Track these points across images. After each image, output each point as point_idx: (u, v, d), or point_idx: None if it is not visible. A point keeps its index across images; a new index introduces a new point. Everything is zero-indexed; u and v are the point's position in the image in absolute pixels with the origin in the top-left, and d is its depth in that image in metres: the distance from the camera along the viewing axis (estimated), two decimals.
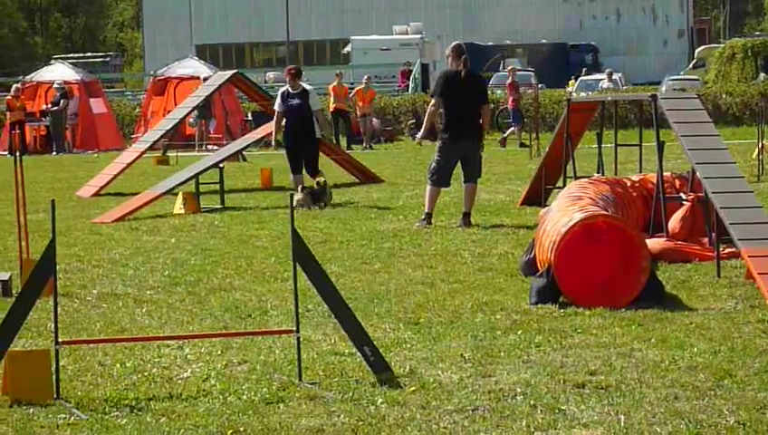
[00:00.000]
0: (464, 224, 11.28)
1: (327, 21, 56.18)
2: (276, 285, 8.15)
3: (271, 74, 43.25)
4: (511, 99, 25.63)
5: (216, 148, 20.05)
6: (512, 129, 25.63)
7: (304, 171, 13.89)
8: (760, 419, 4.47)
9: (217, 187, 14.62)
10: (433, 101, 11.97)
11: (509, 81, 26.75)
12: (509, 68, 32.04)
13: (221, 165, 14.97)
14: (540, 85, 34.13)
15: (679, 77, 36.01)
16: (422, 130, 12.76)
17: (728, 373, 5.22)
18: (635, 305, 7.05)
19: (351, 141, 26.08)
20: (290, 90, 14.01)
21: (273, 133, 14.53)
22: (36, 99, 28.06)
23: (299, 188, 13.46)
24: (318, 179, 13.67)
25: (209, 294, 8.20)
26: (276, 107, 14.32)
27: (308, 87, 14.77)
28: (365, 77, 29.44)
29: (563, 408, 4.68)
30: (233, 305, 7.64)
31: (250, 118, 25.45)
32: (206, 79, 21.98)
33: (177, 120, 18.36)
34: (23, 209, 8.37)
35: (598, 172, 11.74)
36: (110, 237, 11.66)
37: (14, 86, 29.46)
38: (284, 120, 13.97)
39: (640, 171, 11.26)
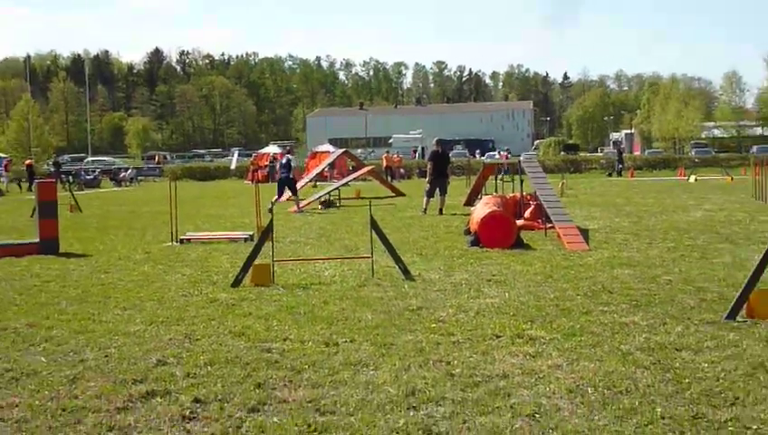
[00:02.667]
0: (440, 213, 20.18)
1: (385, 129, 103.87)
2: (363, 238, 13.76)
3: (359, 150, 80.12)
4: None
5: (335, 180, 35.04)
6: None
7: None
8: (570, 296, 8.78)
9: (336, 198, 25.63)
10: (428, 164, 21.80)
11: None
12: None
13: (338, 188, 26.42)
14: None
15: (528, 153, 59.87)
16: (428, 175, 21.27)
17: (550, 276, 10.05)
18: (511, 247, 12.74)
19: (392, 178, 43.55)
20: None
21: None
22: (263, 160, 51.31)
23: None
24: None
25: (335, 241, 14.53)
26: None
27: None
28: (396, 152, 58.68)
29: (482, 290, 9.21)
30: (344, 246, 13.63)
31: (351, 169, 41.33)
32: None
33: (321, 169, 34.54)
34: (258, 207, 16.01)
35: (495, 192, 20.03)
36: (293, 218, 20.13)
37: (254, 154, 58.39)
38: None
39: (513, 192, 19.03)
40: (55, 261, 12.64)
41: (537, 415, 4.88)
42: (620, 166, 50.44)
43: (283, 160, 24.82)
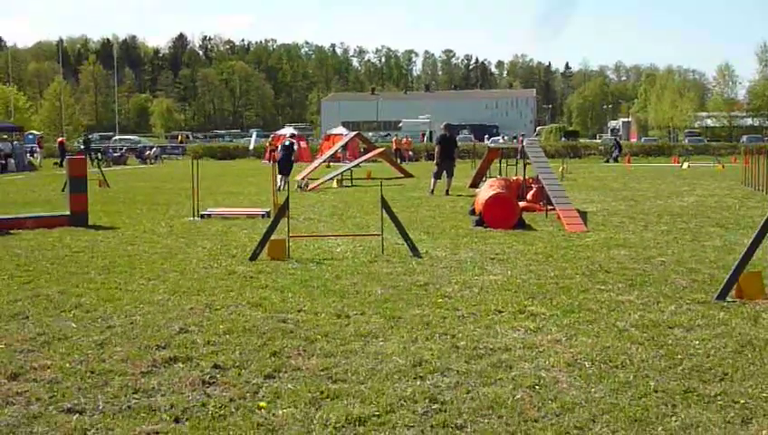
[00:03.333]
0: (446, 194, 19.93)
1: (395, 114, 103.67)
2: (374, 216, 13.69)
3: (371, 133, 76.64)
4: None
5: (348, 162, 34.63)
6: None
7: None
8: (569, 275, 8.82)
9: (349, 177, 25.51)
10: (436, 147, 21.67)
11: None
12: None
13: (352, 169, 26.69)
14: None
15: (531, 138, 55.99)
16: (435, 157, 21.30)
17: (550, 255, 10.02)
18: (514, 228, 12.67)
19: (402, 160, 44.17)
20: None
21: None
22: (280, 141, 46.80)
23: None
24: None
25: (347, 219, 14.43)
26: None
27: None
28: (406, 135, 61.33)
29: (486, 267, 9.19)
30: (355, 224, 13.55)
31: (362, 151, 40.95)
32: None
33: (334, 151, 34.15)
34: (274, 185, 18.96)
35: (499, 175, 19.98)
36: (307, 196, 20.02)
37: (272, 135, 54.73)
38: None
39: (516, 175, 19.14)
40: (85, 233, 12.67)
41: (537, 387, 4.87)
42: (617, 153, 50.22)
43: (286, 143, 25.26)
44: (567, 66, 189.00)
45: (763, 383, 4.88)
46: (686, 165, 40.79)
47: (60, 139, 49.98)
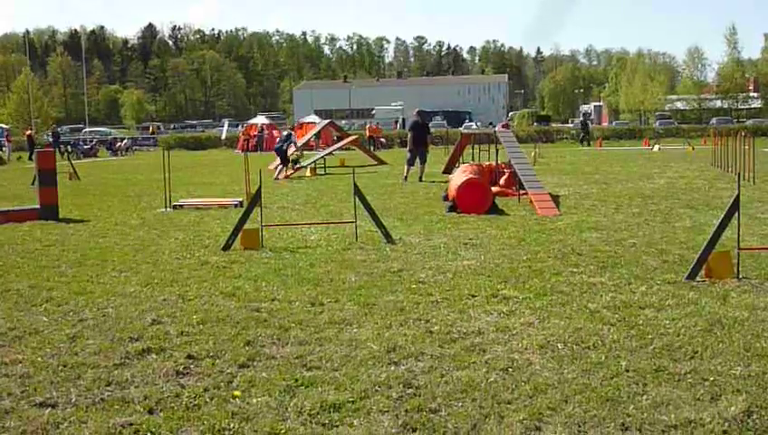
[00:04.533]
0: (420, 181, 19.80)
1: (367, 101, 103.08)
2: (347, 204, 13.56)
3: (344, 121, 75.50)
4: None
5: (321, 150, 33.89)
6: None
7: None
8: (542, 258, 8.79)
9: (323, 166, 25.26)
10: (408, 134, 21.36)
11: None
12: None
13: (325, 157, 26.33)
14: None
15: (501, 122, 57.34)
16: (408, 144, 20.97)
17: (523, 239, 10.08)
18: (487, 213, 12.71)
19: (375, 148, 43.63)
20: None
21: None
22: (253, 130, 50.89)
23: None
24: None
25: (320, 207, 14.38)
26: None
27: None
28: (376, 122, 58.46)
29: (459, 253, 9.20)
30: (329, 212, 13.56)
31: (336, 139, 40.40)
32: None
33: (307, 139, 34.56)
34: (247, 175, 15.56)
35: (472, 161, 19.99)
36: (280, 186, 19.70)
37: (244, 125, 58.13)
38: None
39: (488, 160, 19.11)
40: (55, 226, 12.54)
41: (510, 369, 4.91)
42: (586, 136, 50.49)
43: (285, 133, 25.90)
44: (539, 51, 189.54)
45: (731, 361, 4.96)
46: (656, 148, 41.11)
47: (28, 132, 49.33)
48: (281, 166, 23.48)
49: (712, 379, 4.63)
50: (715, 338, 5.47)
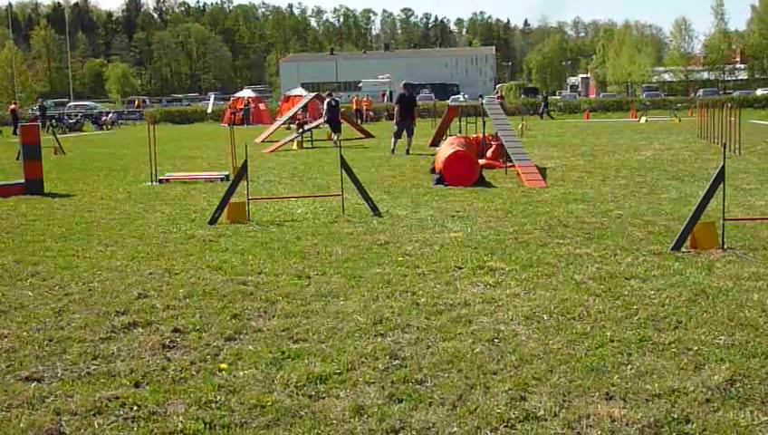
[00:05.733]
0: (407, 154, 19.73)
1: (354, 74, 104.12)
2: (334, 177, 13.43)
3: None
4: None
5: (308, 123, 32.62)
6: None
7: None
8: (528, 230, 8.84)
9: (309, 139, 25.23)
10: (396, 107, 21.26)
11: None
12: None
13: (311, 130, 26.61)
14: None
15: (491, 96, 55.57)
16: (395, 117, 20.99)
17: (509, 211, 10.09)
18: (474, 185, 12.70)
19: (362, 121, 43.17)
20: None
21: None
22: (239, 104, 52.41)
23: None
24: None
25: (307, 180, 14.28)
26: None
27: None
28: (366, 95, 57.56)
29: (446, 225, 9.21)
30: (316, 185, 13.46)
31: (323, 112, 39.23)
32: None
33: (293, 112, 32.14)
34: (233, 148, 15.49)
35: (459, 133, 19.73)
36: (267, 160, 19.52)
37: (231, 98, 59.09)
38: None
39: (476, 133, 19.03)
40: (40, 201, 12.46)
41: (496, 340, 4.93)
42: (545, 109, 50.33)
43: (332, 102, 25.16)
44: (526, 23, 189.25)
45: (715, 331, 4.99)
46: (643, 119, 41.17)
47: (12, 106, 48.90)
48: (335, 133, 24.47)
49: (696, 348, 4.67)
50: (699, 308, 5.50)
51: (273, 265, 7.18)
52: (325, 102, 26.04)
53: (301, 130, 26.56)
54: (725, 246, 7.42)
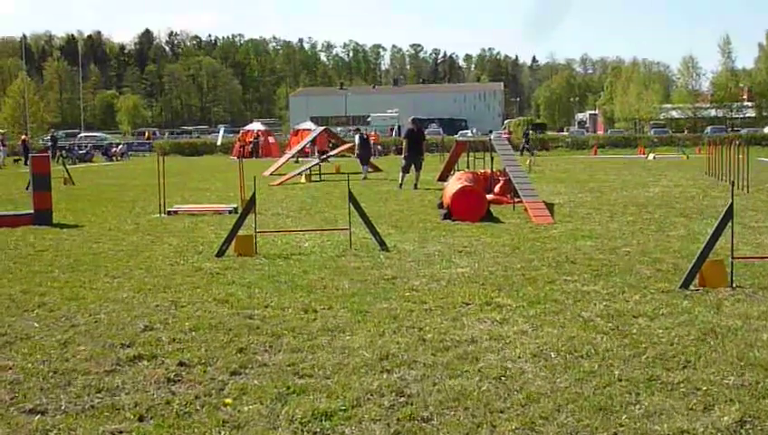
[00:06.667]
0: (415, 188, 19.76)
1: (363, 108, 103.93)
2: (342, 211, 13.47)
3: (339, 128, 70.05)
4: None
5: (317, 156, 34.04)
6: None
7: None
8: (536, 266, 8.83)
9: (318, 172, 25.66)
10: (404, 141, 21.42)
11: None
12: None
13: (320, 163, 27.09)
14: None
15: (498, 132, 60.47)
16: (403, 151, 21.04)
17: (517, 247, 10.05)
18: (481, 221, 12.71)
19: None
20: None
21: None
22: (249, 136, 52.76)
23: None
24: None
25: (315, 213, 14.38)
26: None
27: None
28: (374, 129, 56.25)
29: (454, 260, 9.17)
30: (324, 219, 13.56)
31: (330, 147, 41.13)
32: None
33: (302, 146, 33.98)
34: (241, 180, 15.07)
35: (467, 168, 20.17)
36: (275, 192, 19.76)
37: (241, 131, 58.71)
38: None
39: (484, 168, 19.12)
40: (49, 231, 12.49)
41: (503, 378, 4.88)
42: (526, 145, 49.84)
43: (363, 136, 28.44)
44: (534, 59, 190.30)
45: (724, 370, 4.94)
46: (651, 156, 41.19)
47: (23, 137, 49.29)
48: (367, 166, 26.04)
49: (705, 388, 4.61)
50: (708, 347, 5.45)
51: (280, 299, 7.16)
52: (357, 137, 28.90)
53: (323, 157, 28.65)
54: (734, 285, 7.38)
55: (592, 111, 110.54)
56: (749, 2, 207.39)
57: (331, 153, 30.41)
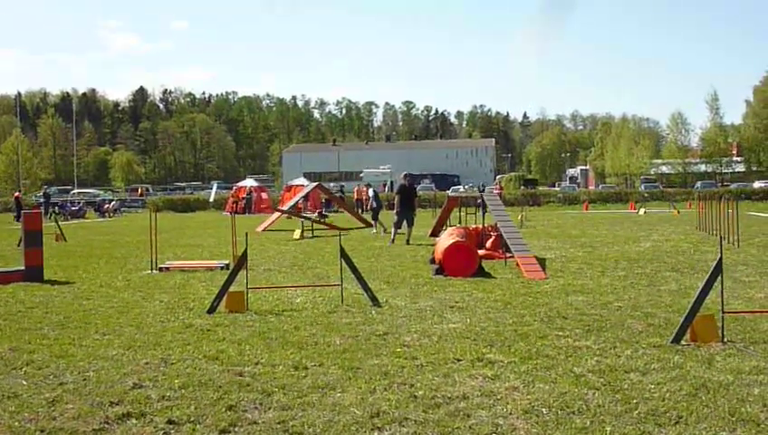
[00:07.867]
0: (407, 244, 19.94)
1: (356, 164, 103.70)
2: (334, 267, 13.59)
3: (332, 184, 68.49)
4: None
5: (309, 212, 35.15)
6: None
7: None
8: (527, 322, 8.85)
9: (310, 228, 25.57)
10: (396, 197, 21.59)
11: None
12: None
13: (312, 219, 27.66)
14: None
15: (490, 187, 59.90)
16: (395, 207, 21.17)
17: (509, 302, 10.03)
18: (473, 276, 12.69)
19: (362, 210, 42.58)
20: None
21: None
22: (242, 192, 52.65)
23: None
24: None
25: (307, 269, 14.26)
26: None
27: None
28: (366, 184, 51.40)
29: (445, 316, 9.15)
30: (315, 274, 13.43)
31: (323, 202, 43.88)
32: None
33: (295, 202, 33.50)
34: (233, 236, 15.91)
35: (459, 224, 20.50)
36: (267, 248, 19.87)
37: (234, 187, 58.40)
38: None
39: (475, 223, 19.62)
40: (39, 288, 12.44)
41: (494, 434, 4.85)
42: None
43: (374, 192, 29.70)
44: (525, 116, 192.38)
45: (716, 426, 4.92)
46: (642, 211, 41.42)
47: (16, 193, 49.39)
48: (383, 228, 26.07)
49: None
50: (700, 403, 5.43)
51: (271, 356, 7.12)
52: (371, 190, 31.02)
53: (319, 217, 29.83)
54: (725, 339, 7.38)
55: (583, 167, 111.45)
56: (735, 59, 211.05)
57: (329, 210, 31.26)
